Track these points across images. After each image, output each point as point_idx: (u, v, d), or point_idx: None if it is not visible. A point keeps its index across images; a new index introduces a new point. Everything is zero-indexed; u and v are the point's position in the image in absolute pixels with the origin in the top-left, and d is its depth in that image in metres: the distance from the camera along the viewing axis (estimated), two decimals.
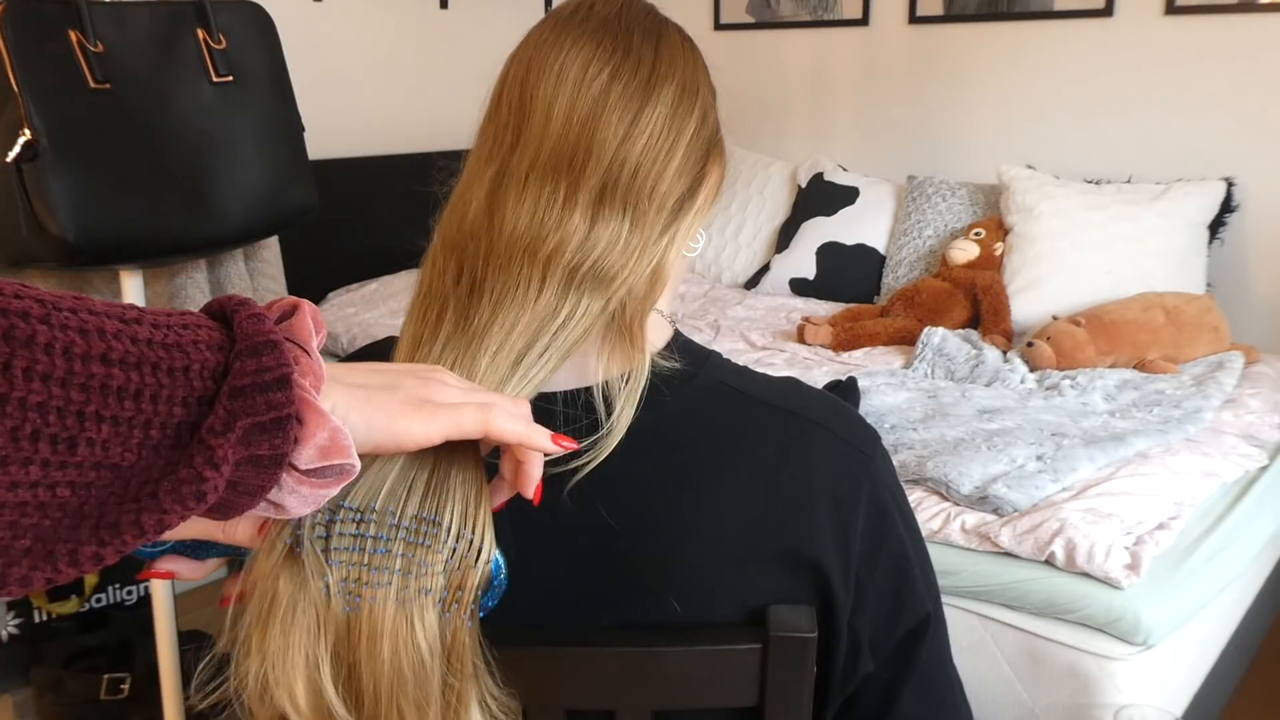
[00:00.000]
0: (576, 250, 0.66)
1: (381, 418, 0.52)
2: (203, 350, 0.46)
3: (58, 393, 0.41)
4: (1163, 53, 2.77)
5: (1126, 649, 1.41)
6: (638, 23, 0.71)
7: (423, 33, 3.26)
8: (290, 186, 1.69)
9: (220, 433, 0.45)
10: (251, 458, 0.46)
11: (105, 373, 0.42)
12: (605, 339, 0.69)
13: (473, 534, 0.58)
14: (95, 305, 0.44)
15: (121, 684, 1.99)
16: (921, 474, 1.69)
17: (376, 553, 0.56)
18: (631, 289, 0.67)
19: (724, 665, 0.68)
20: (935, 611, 0.75)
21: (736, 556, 0.69)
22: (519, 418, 0.57)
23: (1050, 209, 2.64)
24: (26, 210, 1.41)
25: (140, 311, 0.46)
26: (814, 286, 3.05)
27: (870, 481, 0.72)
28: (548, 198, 0.66)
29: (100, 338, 0.43)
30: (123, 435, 0.43)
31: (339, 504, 0.57)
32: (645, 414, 0.68)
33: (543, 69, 0.68)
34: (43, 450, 0.41)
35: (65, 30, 1.43)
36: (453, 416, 0.54)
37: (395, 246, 3.13)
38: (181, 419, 0.45)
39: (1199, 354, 2.33)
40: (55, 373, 0.41)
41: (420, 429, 0.53)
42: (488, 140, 0.70)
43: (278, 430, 0.46)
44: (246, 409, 0.45)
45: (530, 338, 0.65)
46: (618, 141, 0.67)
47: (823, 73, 3.44)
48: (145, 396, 0.44)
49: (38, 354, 0.40)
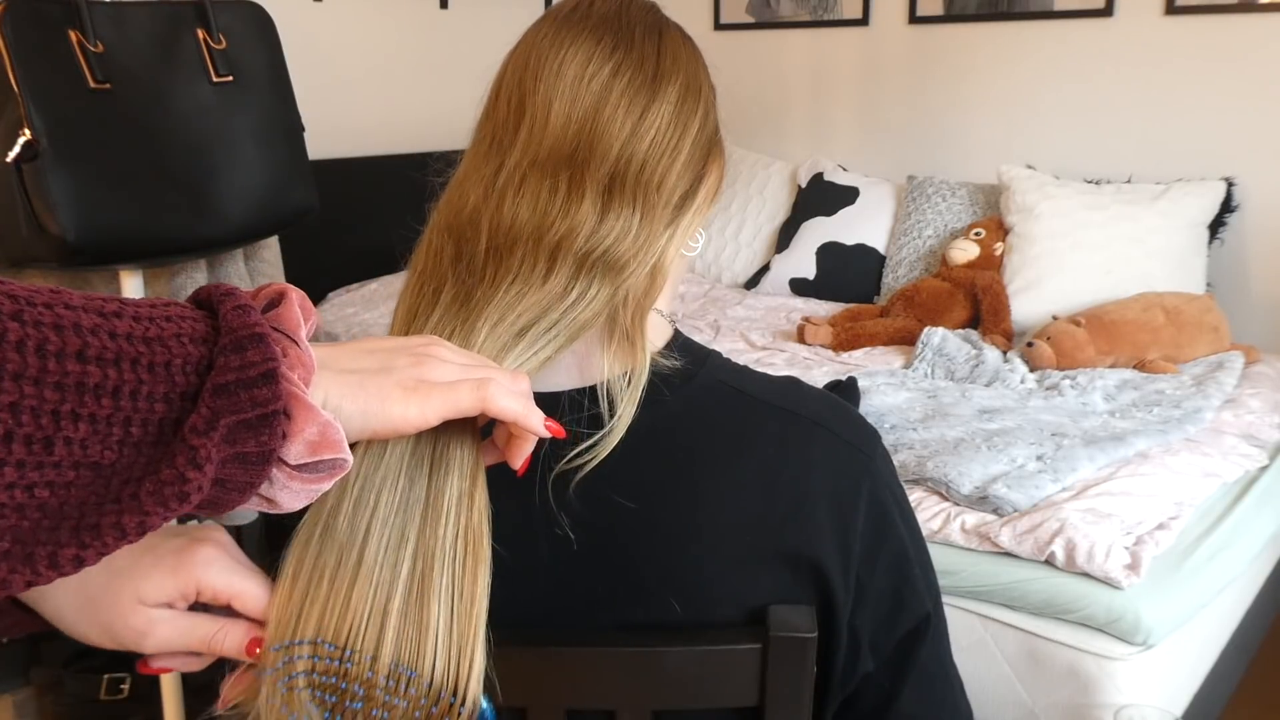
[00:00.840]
0: (588, 237, 0.65)
1: (375, 404, 0.51)
2: (185, 344, 0.45)
3: (30, 391, 0.39)
4: (1163, 53, 2.77)
5: (1126, 649, 1.41)
6: (639, 20, 0.71)
7: (423, 33, 3.26)
8: (290, 186, 1.69)
9: (203, 432, 0.43)
10: (238, 455, 0.45)
11: (81, 370, 0.41)
12: (607, 338, 0.69)
13: (456, 685, 0.55)
14: (73, 299, 0.43)
15: (121, 684, 1.99)
16: (921, 474, 1.69)
17: (354, 706, 0.54)
18: (637, 281, 0.68)
19: (724, 665, 0.68)
20: (935, 611, 0.75)
21: (736, 556, 0.69)
22: (517, 394, 0.55)
23: (1050, 209, 2.64)
24: (26, 210, 1.41)
25: (121, 304, 0.45)
26: (814, 286, 3.05)
27: (870, 481, 0.72)
28: (548, 191, 0.66)
29: (76, 333, 0.41)
30: (102, 434, 0.42)
31: (319, 640, 0.54)
32: (645, 413, 0.68)
33: (542, 66, 0.68)
34: (17, 451, 0.39)
35: (65, 30, 1.43)
36: (449, 397, 0.53)
37: (395, 246, 3.10)
38: (164, 415, 0.44)
39: (1199, 354, 2.33)
40: (28, 371, 0.39)
41: (416, 412, 0.52)
42: (486, 137, 0.70)
43: (264, 427, 0.45)
44: (230, 406, 0.44)
45: (538, 313, 0.64)
46: (625, 136, 0.67)
47: (823, 73, 3.44)
48: (124, 393, 0.42)
49: (8, 352, 0.39)
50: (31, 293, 0.42)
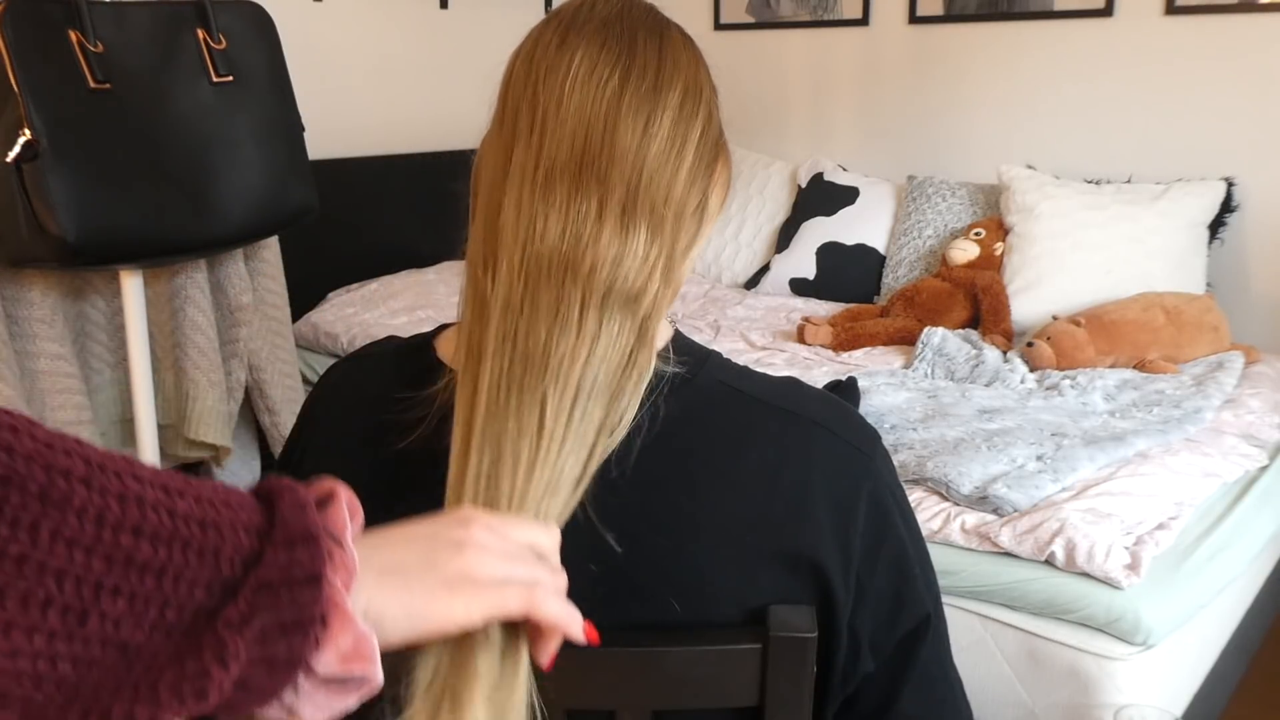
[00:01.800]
0: (610, 268, 0.65)
1: (420, 604, 0.50)
2: (239, 533, 0.44)
3: (80, 560, 0.38)
4: (1163, 53, 2.77)
5: (1126, 649, 1.41)
6: (641, 23, 0.70)
7: (423, 33, 3.26)
8: (290, 186, 1.69)
9: (236, 626, 0.42)
10: (266, 658, 0.43)
11: (133, 545, 0.40)
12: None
13: None
14: (142, 471, 0.42)
15: None
16: (921, 474, 1.69)
17: None
18: (657, 301, 0.67)
19: (724, 665, 0.68)
20: (935, 611, 0.75)
21: (737, 556, 0.69)
22: (561, 596, 0.55)
23: (1050, 209, 2.64)
24: (26, 210, 1.41)
25: (187, 483, 0.44)
26: (814, 286, 3.05)
27: (870, 481, 0.72)
28: (580, 210, 0.65)
29: (138, 507, 0.40)
30: (138, 613, 0.40)
31: None
32: (645, 414, 0.68)
33: (550, 75, 0.67)
34: (51, 620, 0.38)
35: (65, 30, 1.43)
36: (496, 599, 0.52)
37: (395, 246, 3.13)
38: (201, 603, 0.43)
39: (1199, 354, 2.33)
40: (83, 539, 0.39)
41: (462, 612, 0.51)
42: (501, 152, 0.69)
43: (298, 631, 0.44)
44: (269, 603, 0.43)
45: (580, 375, 0.64)
46: (634, 149, 0.66)
47: (823, 73, 3.44)
48: (168, 575, 0.41)
49: (69, 517, 0.38)
50: (105, 457, 0.41)
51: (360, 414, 0.75)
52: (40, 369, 1.64)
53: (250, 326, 1.89)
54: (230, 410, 1.90)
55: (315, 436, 0.79)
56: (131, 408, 1.70)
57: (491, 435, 0.62)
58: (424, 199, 3.02)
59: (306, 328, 2.70)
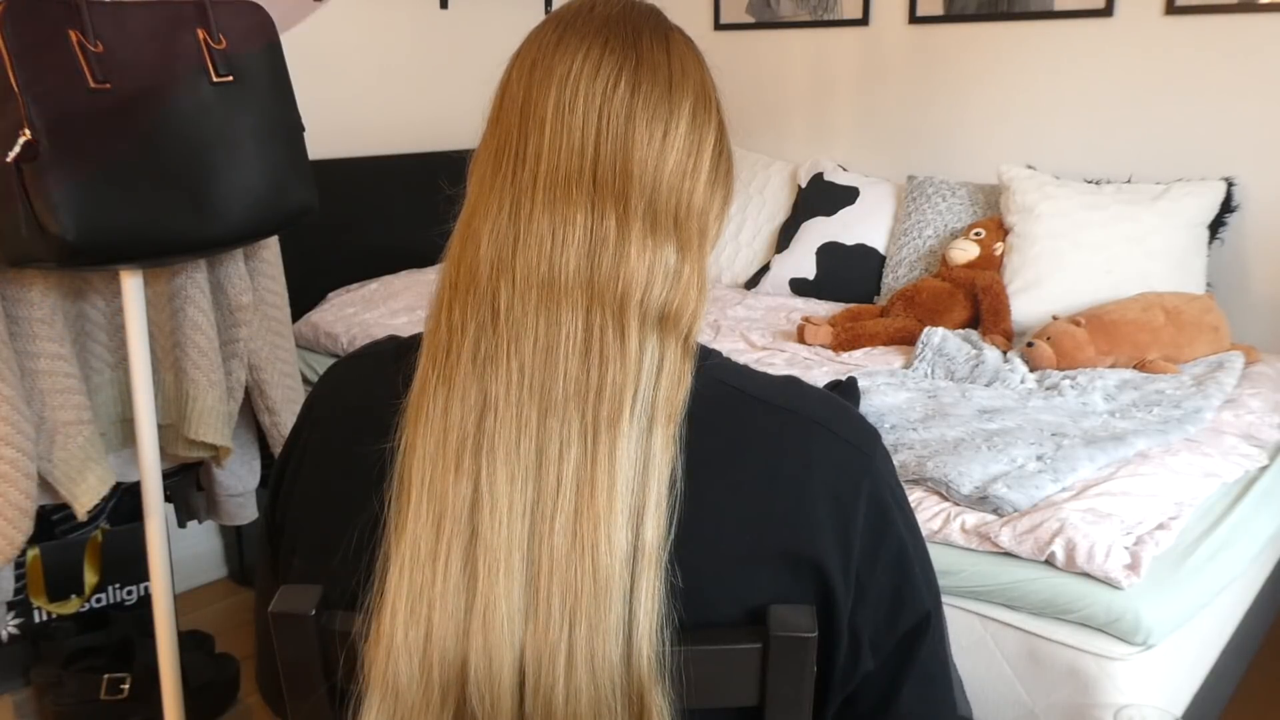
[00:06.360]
0: (644, 289, 0.64)
1: None
2: None
3: None
4: (1163, 53, 2.77)
5: (1126, 649, 1.41)
6: (645, 26, 0.69)
7: (423, 33, 3.26)
8: (290, 186, 1.69)
9: None
10: None
11: None
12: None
13: None
14: None
15: (121, 684, 1.99)
16: (921, 474, 1.69)
17: None
18: (696, 314, 0.66)
19: (724, 665, 0.68)
20: (935, 610, 0.75)
21: (737, 556, 0.69)
22: None
23: (1050, 209, 2.64)
24: (26, 210, 1.41)
25: None
26: (814, 286, 3.05)
27: (870, 480, 0.72)
28: (594, 227, 0.63)
29: None
30: None
31: None
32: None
33: (549, 80, 0.66)
34: None
35: (65, 30, 1.43)
36: None
37: (395, 246, 3.13)
38: None
39: (1199, 354, 2.33)
40: None
41: None
42: (494, 161, 0.67)
43: None
44: None
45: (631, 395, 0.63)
46: (653, 161, 0.64)
47: (823, 73, 3.44)
48: None
49: None
50: None
51: (360, 414, 0.75)
52: (40, 369, 1.64)
53: (250, 326, 1.89)
54: (230, 410, 1.90)
55: (315, 436, 0.79)
56: (131, 408, 1.70)
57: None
58: (424, 199, 3.01)
59: (306, 328, 2.71)
